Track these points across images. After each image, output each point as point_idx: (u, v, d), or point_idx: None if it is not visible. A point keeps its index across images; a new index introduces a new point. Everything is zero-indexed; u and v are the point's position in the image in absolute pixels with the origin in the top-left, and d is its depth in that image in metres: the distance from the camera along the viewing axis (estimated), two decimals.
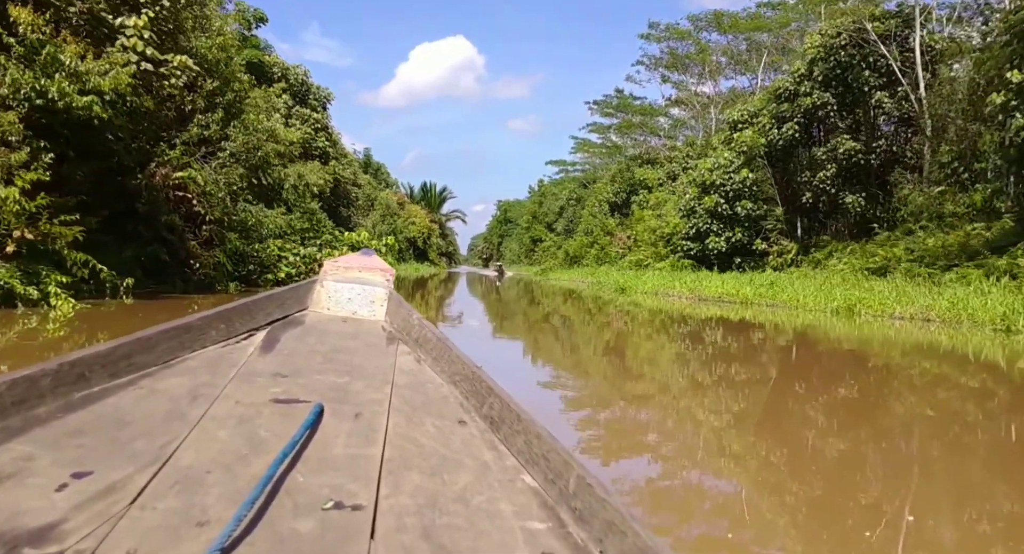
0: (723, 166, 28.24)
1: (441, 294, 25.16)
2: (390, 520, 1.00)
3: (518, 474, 1.23)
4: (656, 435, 4.71)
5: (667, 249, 33.52)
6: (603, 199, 51.16)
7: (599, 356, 9.11)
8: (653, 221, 34.77)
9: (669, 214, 34.47)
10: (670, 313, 15.87)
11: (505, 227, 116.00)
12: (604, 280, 29.90)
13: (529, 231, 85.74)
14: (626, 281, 26.47)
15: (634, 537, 0.94)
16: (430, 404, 1.53)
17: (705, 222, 28.28)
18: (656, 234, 34.23)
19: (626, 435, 4.73)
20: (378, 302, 2.25)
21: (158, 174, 12.55)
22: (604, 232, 45.32)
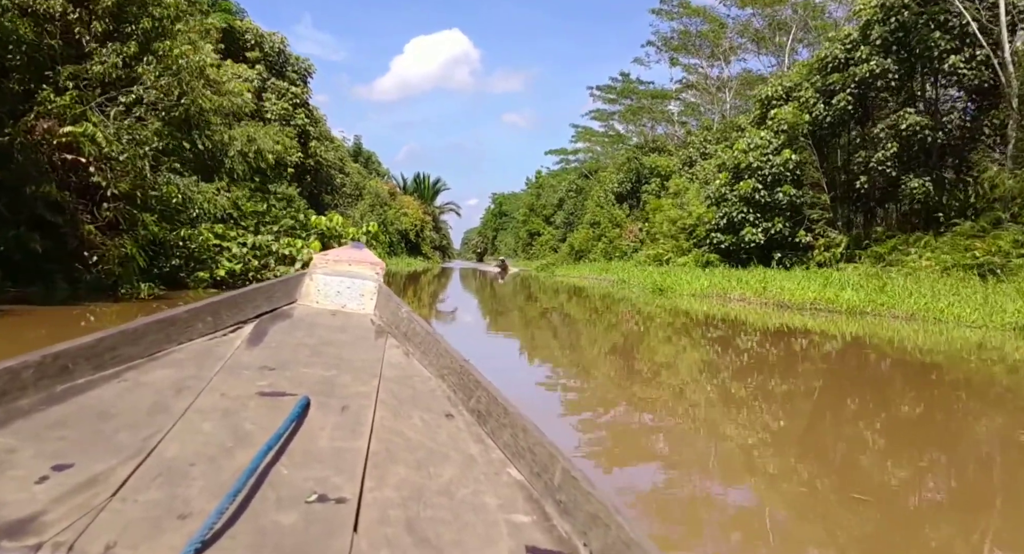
0: (760, 147, 24.52)
1: (435, 289, 21.81)
2: (374, 513, 0.99)
3: (504, 467, 1.22)
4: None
5: (690, 242, 29.83)
6: (609, 189, 47.48)
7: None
8: (673, 211, 31.05)
9: (692, 203, 30.78)
10: (773, 330, 11.74)
11: (500, 220, 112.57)
12: (628, 278, 26.17)
13: (526, 224, 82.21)
14: (663, 280, 22.44)
15: (618, 530, 0.93)
16: (417, 397, 1.52)
17: (739, 211, 24.56)
18: (677, 226, 30.53)
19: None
20: (367, 296, 2.22)
21: (38, 128, 8.81)
22: (612, 224, 41.60)
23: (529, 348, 9.44)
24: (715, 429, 4.84)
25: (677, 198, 31.95)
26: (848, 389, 6.59)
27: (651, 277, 24.03)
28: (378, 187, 48.12)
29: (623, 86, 56.04)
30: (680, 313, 14.93)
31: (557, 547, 0.99)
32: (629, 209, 43.32)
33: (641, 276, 25.36)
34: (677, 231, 30.53)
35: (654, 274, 24.83)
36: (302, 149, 28.44)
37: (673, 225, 30.70)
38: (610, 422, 5.08)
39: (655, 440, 4.59)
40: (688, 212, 30.44)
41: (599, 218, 43.25)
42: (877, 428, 4.94)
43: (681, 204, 31.22)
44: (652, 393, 6.28)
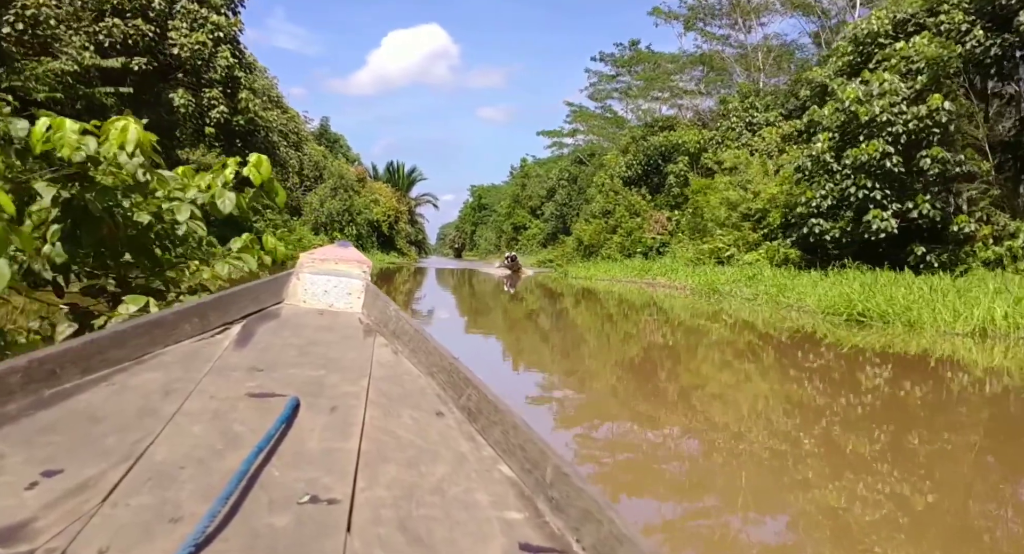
0: (888, 93, 16.91)
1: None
2: (366, 513, 0.99)
3: (495, 465, 1.22)
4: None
5: (758, 232, 22.17)
6: (616, 173, 39.78)
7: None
8: (732, 192, 23.32)
9: (755, 181, 23.16)
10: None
11: (480, 214, 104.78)
12: (708, 283, 17.77)
13: (510, 217, 74.61)
14: (881, 299, 11.60)
15: (610, 525, 0.94)
16: (407, 396, 1.51)
17: (859, 186, 16.88)
18: (738, 211, 22.86)
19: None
20: (355, 294, 2.17)
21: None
22: (630, 213, 33.88)
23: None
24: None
25: (735, 175, 24.21)
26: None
27: (759, 282, 16.30)
28: (342, 168, 39.96)
29: (631, 55, 48.51)
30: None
31: (550, 543, 0.99)
32: (651, 194, 35.64)
33: (734, 280, 17.54)
34: (738, 219, 22.88)
35: (765, 279, 17.00)
36: (227, 101, 20.32)
37: (733, 211, 23.01)
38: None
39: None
40: (753, 193, 22.81)
41: (612, 206, 35.49)
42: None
43: (744, 183, 23.51)
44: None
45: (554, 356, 8.57)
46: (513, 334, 10.32)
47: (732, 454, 4.44)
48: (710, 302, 14.20)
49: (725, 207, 23.15)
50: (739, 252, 21.92)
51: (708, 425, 5.18)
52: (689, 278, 19.32)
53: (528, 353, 8.65)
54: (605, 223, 35.23)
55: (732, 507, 3.52)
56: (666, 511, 3.48)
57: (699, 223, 26.34)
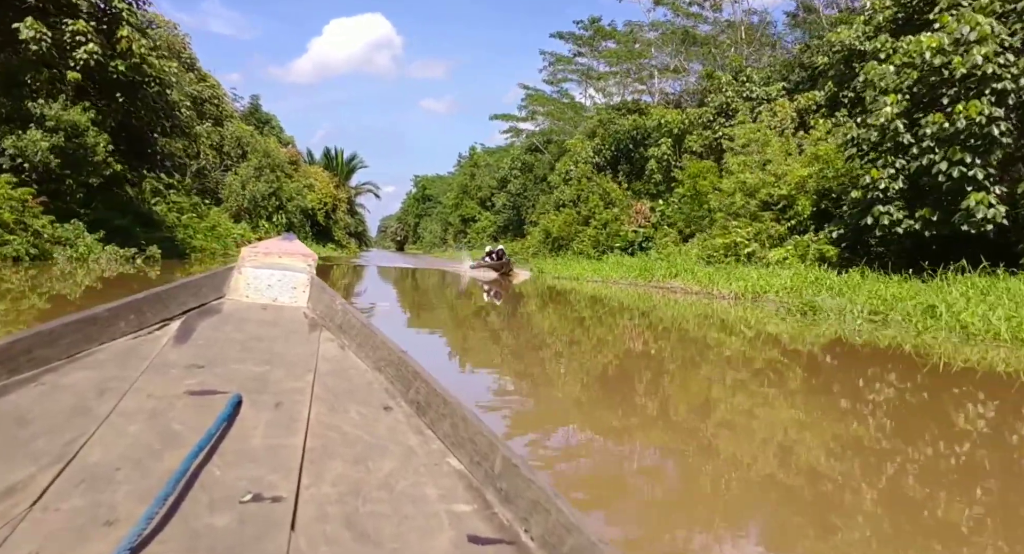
0: (987, 39, 12.76)
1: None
2: (311, 510, 0.98)
3: (444, 457, 1.21)
4: None
5: (784, 225, 17.94)
6: (582, 159, 35.49)
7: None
8: (748, 175, 19.00)
9: (776, 161, 18.89)
10: None
11: (424, 206, 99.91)
12: (849, 302, 10.91)
13: (458, 209, 70.18)
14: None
15: (558, 514, 0.94)
16: (354, 391, 1.49)
17: (956, 160, 12.63)
18: (757, 199, 18.57)
19: None
20: (300, 288, 2.11)
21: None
22: (605, 202, 29.45)
23: None
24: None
25: (749, 155, 19.89)
26: None
27: (830, 289, 11.81)
28: (270, 146, 34.50)
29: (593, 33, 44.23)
30: None
31: (498, 535, 0.99)
32: (627, 182, 31.31)
33: (790, 286, 13.02)
34: (756, 207, 18.58)
35: (835, 284, 12.56)
36: (101, 39, 15.04)
37: (751, 198, 18.69)
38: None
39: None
40: (774, 176, 18.54)
41: (584, 194, 31.00)
42: None
43: (764, 164, 19.20)
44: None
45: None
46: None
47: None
48: (815, 322, 9.58)
49: (741, 193, 18.82)
50: (761, 248, 17.65)
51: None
52: (718, 283, 14.82)
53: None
54: (576, 214, 30.71)
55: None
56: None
57: (699, 213, 22.04)
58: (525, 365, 6.61)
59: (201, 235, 23.29)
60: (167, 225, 21.02)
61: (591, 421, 4.52)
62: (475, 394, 4.84)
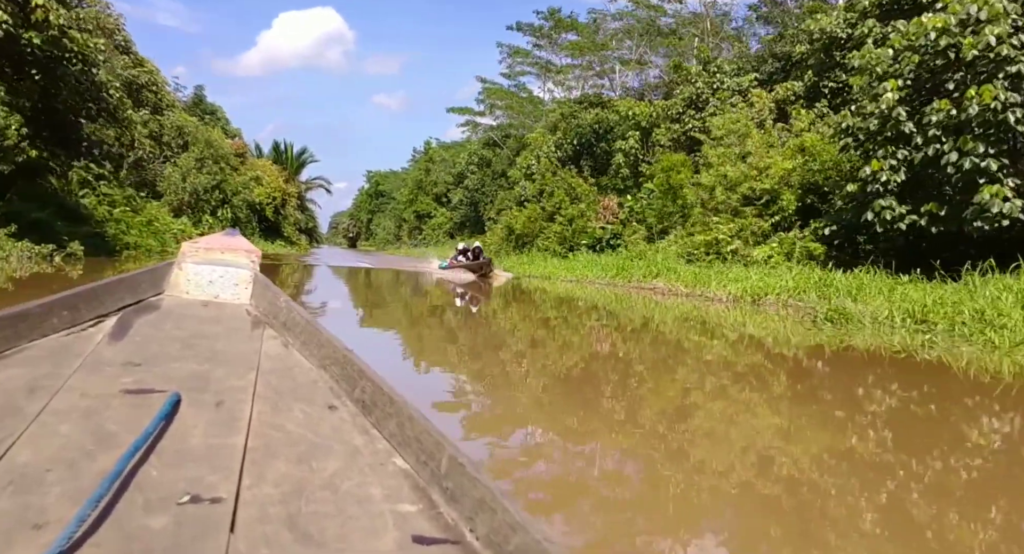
0: (999, 18, 11.79)
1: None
2: (252, 511, 0.96)
3: (390, 457, 1.20)
4: None
5: (767, 221, 16.88)
6: (544, 153, 34.24)
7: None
8: (729, 168, 17.87)
9: (758, 153, 17.80)
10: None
11: (377, 201, 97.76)
12: (873, 308, 9.76)
13: (413, 205, 68.53)
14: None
15: (503, 514, 0.93)
16: (298, 390, 1.46)
17: (968, 150, 11.59)
18: (738, 193, 17.46)
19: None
20: (242, 285, 2.06)
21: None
22: (570, 198, 28.16)
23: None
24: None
25: (728, 147, 18.76)
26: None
27: (839, 291, 10.64)
28: (214, 137, 32.39)
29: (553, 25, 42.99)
30: None
31: (444, 534, 0.98)
32: (593, 176, 30.08)
33: (794, 288, 11.84)
34: (738, 202, 17.47)
35: (844, 286, 11.38)
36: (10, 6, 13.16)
37: (732, 192, 17.57)
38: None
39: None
40: (757, 170, 17.45)
41: (548, 189, 29.67)
42: None
43: (742, 156, 18.09)
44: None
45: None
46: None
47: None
48: (848, 332, 8.33)
49: (722, 187, 17.68)
50: (745, 246, 16.54)
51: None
52: (709, 284, 13.57)
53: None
54: (541, 210, 29.37)
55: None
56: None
57: (672, 209, 20.89)
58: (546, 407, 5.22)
59: (135, 231, 21.31)
60: (96, 219, 19.01)
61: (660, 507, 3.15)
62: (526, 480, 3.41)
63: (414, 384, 5.25)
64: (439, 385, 5.41)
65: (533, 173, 35.06)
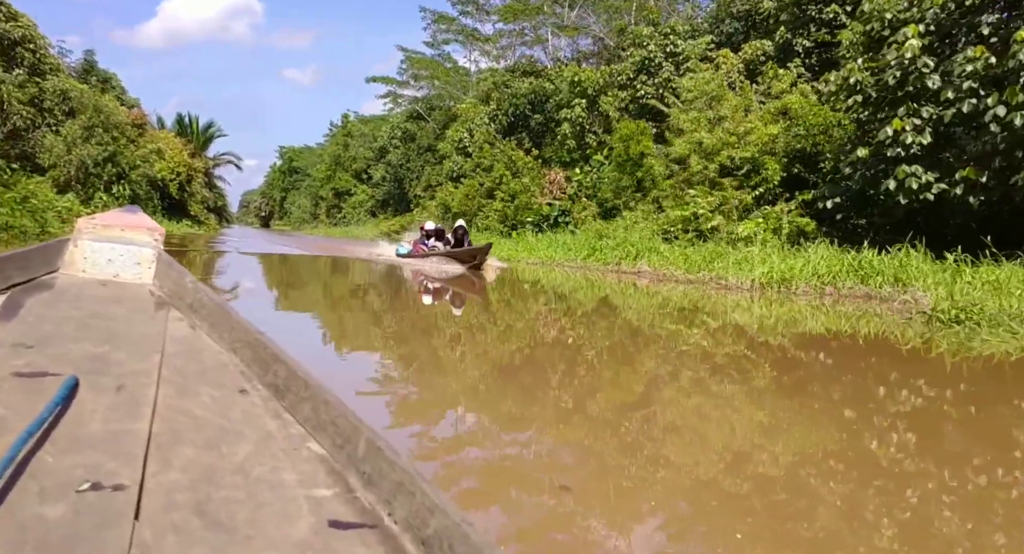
0: None
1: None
2: (158, 498, 0.93)
3: (304, 442, 1.16)
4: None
5: (749, 193, 15.02)
6: (478, 126, 31.95)
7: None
8: (704, 134, 15.90)
9: (734, 119, 15.87)
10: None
11: (291, 179, 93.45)
12: (944, 298, 7.82)
13: (330, 181, 65.13)
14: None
15: (422, 496, 0.93)
16: (206, 373, 1.41)
17: (1015, 102, 9.87)
18: (716, 162, 15.52)
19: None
20: (145, 264, 1.99)
21: None
22: (511, 173, 25.84)
23: None
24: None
25: (700, 111, 16.77)
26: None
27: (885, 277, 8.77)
28: (105, 104, 28.50)
29: None
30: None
31: (360, 519, 0.97)
32: (535, 149, 27.83)
33: (830, 271, 9.90)
34: (715, 173, 15.54)
35: (889, 269, 9.50)
36: None
37: (709, 161, 15.61)
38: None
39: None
40: (736, 136, 15.54)
41: (487, 162, 27.26)
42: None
43: (716, 121, 16.14)
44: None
45: None
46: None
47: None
48: (964, 336, 6.24)
49: (697, 156, 15.69)
50: (727, 221, 14.64)
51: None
52: (713, 268, 11.50)
53: None
54: (479, 185, 26.96)
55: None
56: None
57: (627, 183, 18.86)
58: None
59: (6, 210, 17.87)
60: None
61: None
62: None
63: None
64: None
65: (466, 146, 32.65)
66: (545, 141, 29.14)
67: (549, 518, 2.36)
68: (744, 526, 2.32)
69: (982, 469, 2.98)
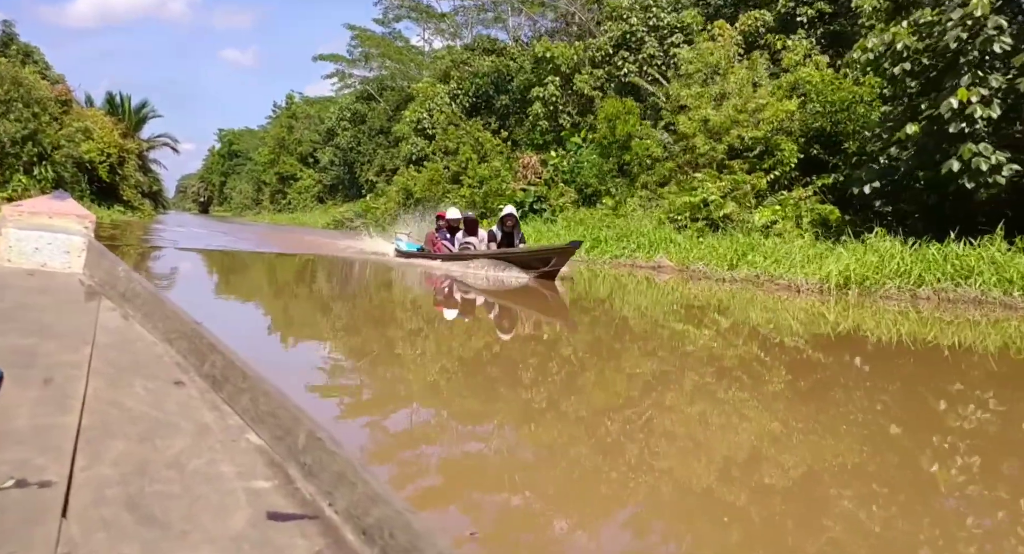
0: None
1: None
2: (87, 494, 0.90)
3: (242, 434, 1.13)
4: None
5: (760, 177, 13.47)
6: (438, 106, 30.04)
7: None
8: (711, 111, 14.26)
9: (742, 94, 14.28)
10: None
11: (230, 163, 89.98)
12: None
13: (274, 165, 62.26)
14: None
15: (364, 486, 0.91)
16: (140, 365, 1.36)
17: None
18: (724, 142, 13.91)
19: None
20: (74, 252, 1.92)
21: None
22: (479, 157, 23.93)
23: None
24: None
25: (700, 85, 15.12)
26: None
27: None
28: (21, 75, 25.54)
29: None
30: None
31: (301, 510, 0.94)
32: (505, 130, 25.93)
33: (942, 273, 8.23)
34: (723, 154, 13.94)
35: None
36: None
37: (717, 142, 13.99)
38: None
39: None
40: (747, 113, 13.95)
41: (452, 144, 25.28)
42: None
43: (721, 97, 14.53)
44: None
45: None
46: None
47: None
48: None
49: (704, 136, 14.05)
50: (741, 209, 13.06)
51: None
52: (765, 264, 9.81)
53: None
54: (445, 170, 24.94)
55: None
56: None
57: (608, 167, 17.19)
58: None
59: None
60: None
61: None
62: None
63: None
64: None
65: (425, 128, 30.58)
66: (510, 122, 27.36)
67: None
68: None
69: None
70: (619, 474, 2.49)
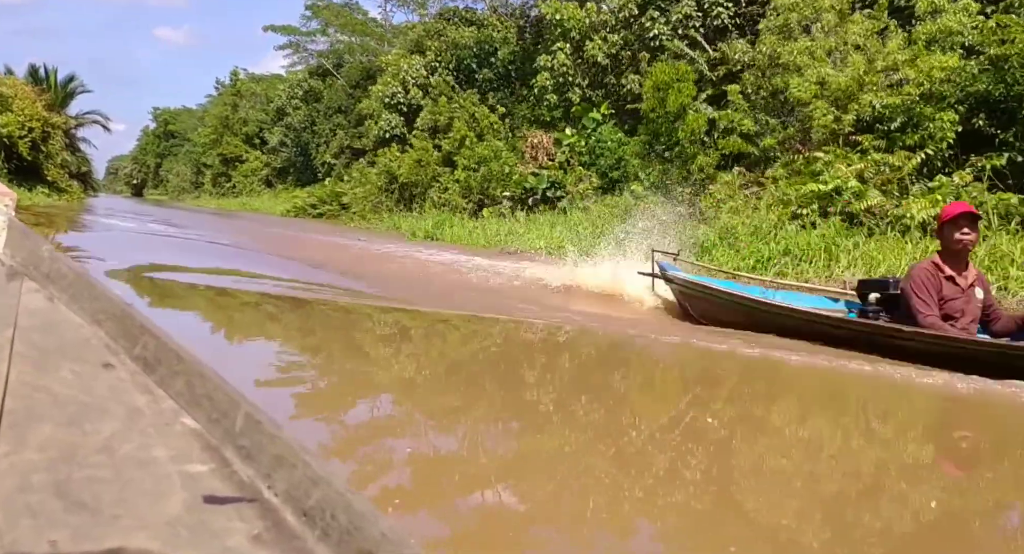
0: None
1: None
2: (11, 480, 0.85)
3: (177, 417, 1.06)
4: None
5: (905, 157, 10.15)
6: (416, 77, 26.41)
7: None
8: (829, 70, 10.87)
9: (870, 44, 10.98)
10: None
11: (167, 144, 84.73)
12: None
13: (217, 146, 57.46)
14: None
15: (304, 468, 0.88)
16: (66, 347, 1.21)
17: None
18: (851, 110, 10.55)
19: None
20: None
21: None
22: (475, 134, 20.24)
23: None
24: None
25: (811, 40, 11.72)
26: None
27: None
28: None
29: None
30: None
31: (238, 492, 0.90)
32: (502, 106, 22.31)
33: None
34: (849, 127, 10.60)
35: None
36: None
37: (843, 113, 10.61)
38: None
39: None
40: (883, 73, 10.62)
41: (444, 119, 21.50)
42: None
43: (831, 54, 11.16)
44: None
45: None
46: None
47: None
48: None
49: (823, 102, 10.65)
50: (886, 199, 9.73)
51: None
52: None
53: None
54: (436, 152, 21.12)
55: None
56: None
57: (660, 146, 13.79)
58: None
59: None
60: None
61: None
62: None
63: None
64: None
65: (400, 103, 26.71)
66: (499, 96, 23.86)
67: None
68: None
69: None
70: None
